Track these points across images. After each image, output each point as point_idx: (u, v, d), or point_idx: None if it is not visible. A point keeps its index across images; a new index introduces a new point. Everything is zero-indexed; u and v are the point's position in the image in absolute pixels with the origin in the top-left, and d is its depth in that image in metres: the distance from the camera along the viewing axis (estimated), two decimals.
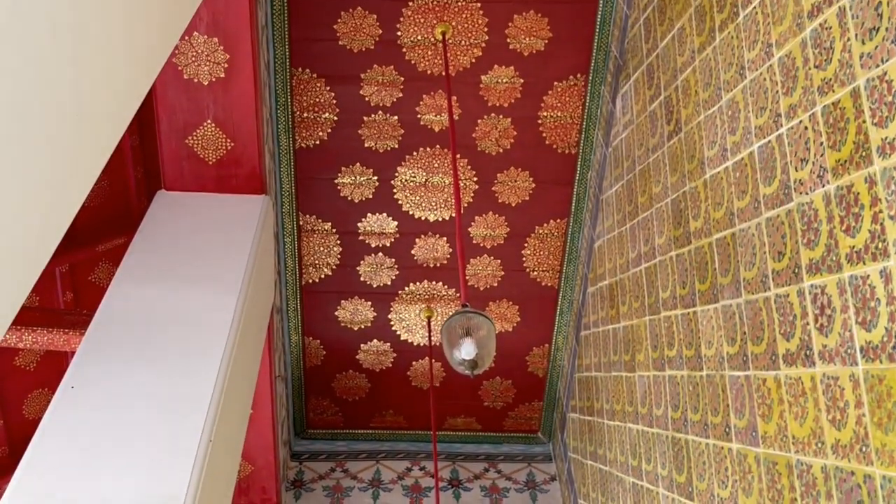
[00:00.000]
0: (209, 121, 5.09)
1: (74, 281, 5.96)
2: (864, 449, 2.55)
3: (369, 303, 7.13)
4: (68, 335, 4.56)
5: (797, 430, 2.98)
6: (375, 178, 6.54)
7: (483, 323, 3.36)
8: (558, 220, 6.77)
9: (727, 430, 3.62)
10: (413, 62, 6.07)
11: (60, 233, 2.13)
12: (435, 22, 5.90)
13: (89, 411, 3.71)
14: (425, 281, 7.04)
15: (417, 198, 6.61)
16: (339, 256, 6.88)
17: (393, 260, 6.92)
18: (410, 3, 5.86)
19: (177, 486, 3.41)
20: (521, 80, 6.17)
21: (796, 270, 3.04)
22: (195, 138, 5.13)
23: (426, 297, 7.10)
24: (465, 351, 3.30)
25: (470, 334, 3.31)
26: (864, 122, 2.61)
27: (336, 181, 6.54)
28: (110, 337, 4.15)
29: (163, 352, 4.07)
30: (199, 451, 3.59)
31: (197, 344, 4.11)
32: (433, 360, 7.20)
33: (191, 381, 3.90)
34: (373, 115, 6.29)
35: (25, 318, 4.69)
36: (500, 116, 6.32)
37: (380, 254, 6.88)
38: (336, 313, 7.19)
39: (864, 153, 2.61)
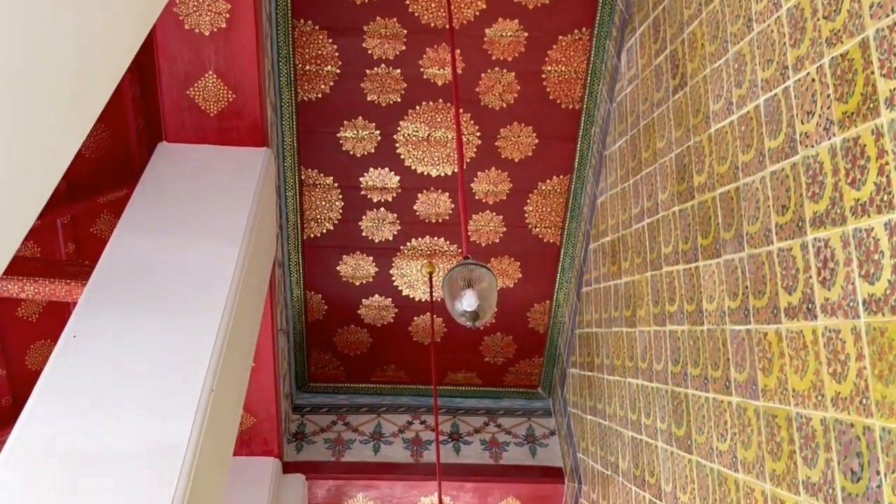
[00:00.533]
0: (210, 72, 5.04)
1: (76, 233, 5.95)
2: (864, 401, 2.55)
3: (371, 258, 7.12)
4: (70, 286, 4.56)
5: (797, 384, 2.98)
6: (378, 132, 6.50)
7: (485, 275, 3.35)
8: (561, 177, 6.74)
9: (727, 383, 3.63)
10: (416, 14, 6.00)
11: (60, 171, 2.12)
12: None
13: (91, 361, 3.71)
14: (427, 236, 7.02)
15: (420, 153, 6.58)
16: (340, 211, 6.85)
17: (395, 215, 6.90)
18: None
19: (179, 435, 3.42)
20: (526, 34, 6.10)
21: (800, 224, 3.02)
22: (196, 90, 5.09)
23: (428, 252, 7.09)
24: (467, 303, 3.29)
25: (471, 286, 3.30)
26: (873, 73, 2.58)
27: (338, 135, 6.50)
28: (112, 287, 4.14)
29: (164, 302, 4.06)
30: (201, 401, 3.59)
31: (198, 295, 4.11)
32: (434, 316, 7.20)
33: (192, 332, 3.90)
34: (375, 69, 6.23)
35: (27, 269, 4.68)
36: (504, 71, 6.26)
37: (382, 209, 6.86)
38: (338, 268, 7.18)
39: (871, 105, 2.58)
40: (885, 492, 2.41)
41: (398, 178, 6.69)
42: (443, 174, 6.68)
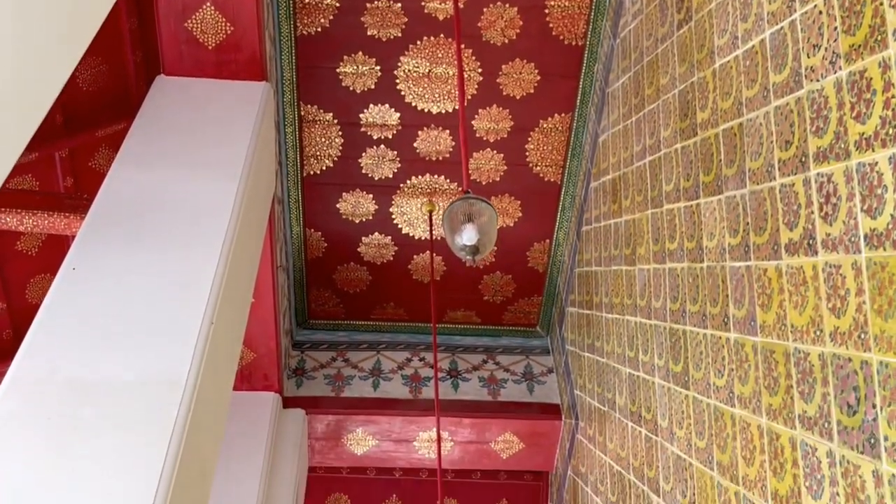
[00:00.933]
0: (208, 3, 4.96)
1: (74, 166, 5.91)
2: (862, 336, 2.55)
3: (371, 196, 7.10)
4: (69, 219, 4.54)
5: (796, 319, 2.99)
6: (378, 67, 6.42)
7: (485, 209, 3.33)
8: (563, 114, 6.68)
9: (725, 320, 3.63)
10: None
11: (58, 87, 2.09)
12: None
13: (91, 293, 3.71)
14: (427, 174, 6.99)
15: (420, 89, 6.51)
16: (340, 148, 6.81)
17: (395, 152, 6.86)
18: None
19: (178, 367, 3.44)
20: None
21: (803, 159, 2.99)
22: (194, 21, 5.01)
23: (428, 190, 7.06)
24: (467, 237, 3.27)
25: (472, 220, 3.29)
26: (881, 4, 2.53)
27: (338, 70, 6.42)
28: (111, 221, 4.12)
29: (164, 236, 4.05)
30: (201, 334, 3.60)
31: (197, 228, 4.09)
32: (434, 255, 7.20)
33: (192, 265, 3.89)
34: (376, 2, 6.13)
35: (26, 202, 4.67)
36: (506, 5, 6.16)
37: (382, 146, 6.81)
38: (337, 206, 7.16)
39: (879, 37, 2.54)
40: (881, 424, 2.42)
41: (398, 114, 6.63)
42: (443, 111, 6.62)
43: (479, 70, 6.44)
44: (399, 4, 6.13)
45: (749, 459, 3.34)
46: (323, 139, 6.75)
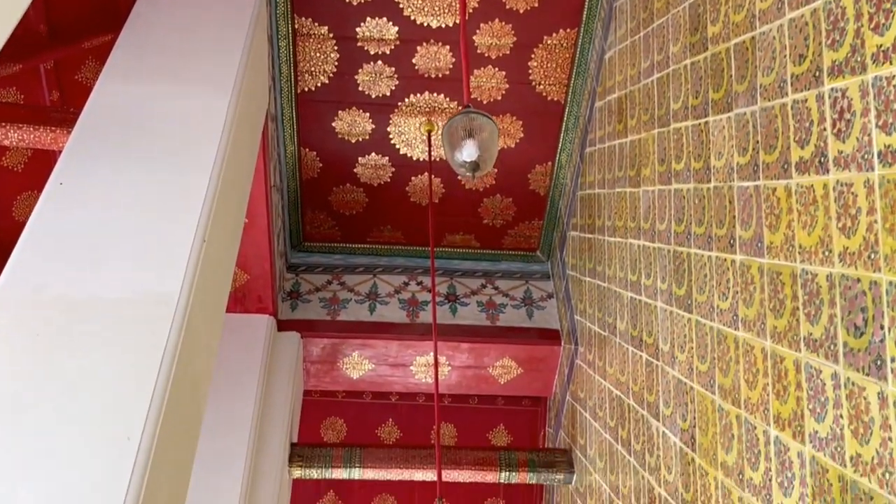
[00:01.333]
0: None
1: (60, 80, 5.83)
2: (872, 256, 2.54)
3: (367, 114, 7.02)
4: (56, 133, 4.50)
5: (804, 240, 2.98)
6: None
7: (486, 124, 3.28)
8: (568, 30, 6.57)
9: (731, 241, 3.63)
10: None
11: None
12: None
13: (79, 208, 3.69)
14: (426, 92, 6.91)
15: (420, 1, 6.38)
16: (336, 63, 6.71)
17: (393, 69, 6.76)
18: None
19: (170, 284, 3.43)
20: None
21: (817, 74, 2.95)
22: None
23: (427, 109, 6.98)
24: (467, 153, 3.23)
25: (472, 136, 3.24)
26: None
27: None
28: (98, 136, 4.08)
29: (153, 150, 4.02)
30: (193, 251, 3.59)
31: (188, 143, 4.06)
32: (433, 176, 7.16)
33: (183, 181, 3.86)
34: None
35: (11, 115, 4.61)
36: None
37: (379, 62, 6.72)
38: (333, 124, 7.09)
39: None
40: (888, 346, 2.43)
41: (396, 28, 6.52)
42: (443, 25, 6.51)
43: None
44: None
45: (752, 383, 3.37)
46: (318, 54, 6.66)
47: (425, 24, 6.50)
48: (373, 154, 7.29)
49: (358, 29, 6.52)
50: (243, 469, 5.80)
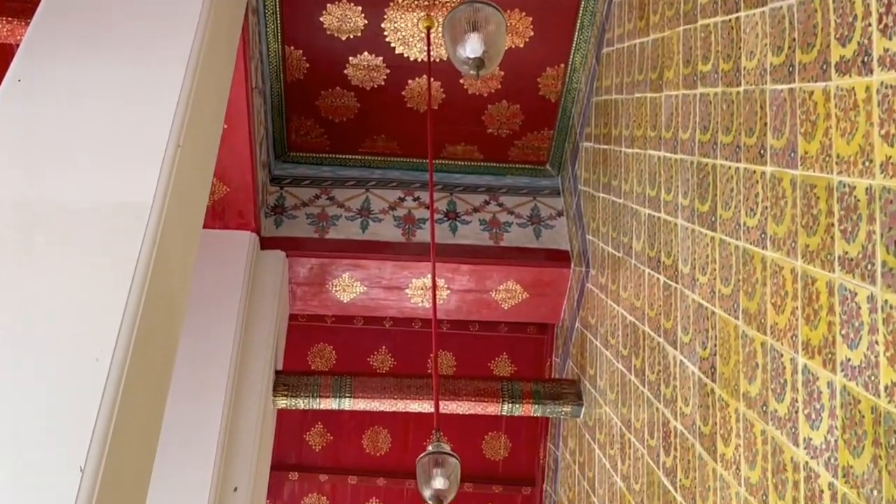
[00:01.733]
0: None
1: None
2: None
3: (359, 7, 6.91)
4: (12, 24, 4.45)
5: (843, 149, 2.96)
6: None
7: (492, 16, 3.24)
8: None
9: (762, 151, 3.61)
10: None
11: None
12: None
13: (39, 108, 3.67)
14: None
15: None
16: None
17: None
18: None
19: (142, 194, 3.43)
20: None
21: None
22: None
23: (426, 3, 6.87)
24: (471, 48, 3.19)
25: (477, 29, 3.20)
26: None
27: None
28: (60, 27, 4.03)
29: (122, 44, 3.97)
30: (167, 157, 3.58)
31: (160, 36, 4.01)
32: (432, 80, 7.09)
33: (154, 78, 3.83)
34: None
35: None
36: None
37: None
38: (321, 19, 6.98)
39: None
40: None
41: None
42: None
43: None
44: None
45: (779, 307, 3.38)
46: None
47: None
48: (365, 53, 7.20)
49: None
50: (223, 398, 5.89)
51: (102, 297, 3.08)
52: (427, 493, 4.91)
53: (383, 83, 7.40)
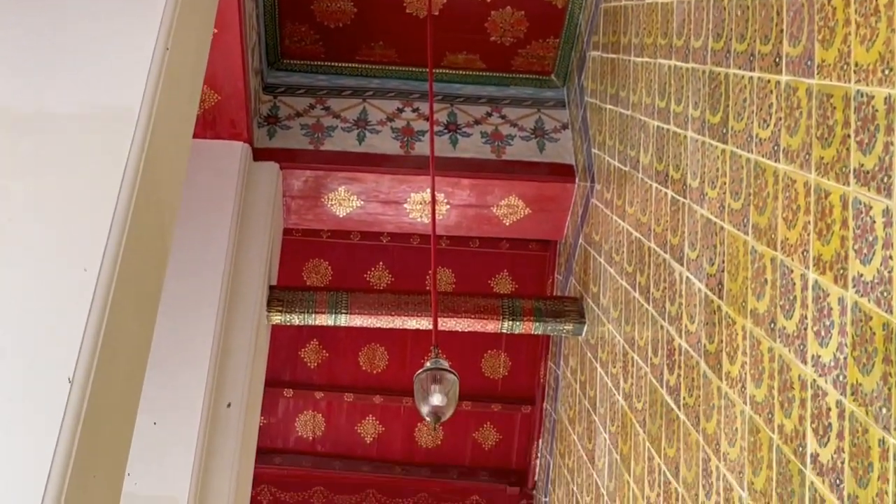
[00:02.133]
0: None
1: None
2: None
3: None
4: None
5: (862, 56, 2.91)
6: None
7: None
8: None
9: (777, 59, 3.56)
10: None
11: None
12: None
13: (21, 7, 3.60)
14: None
15: None
16: None
17: None
18: None
19: (129, 98, 3.40)
20: None
21: None
22: None
23: None
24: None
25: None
26: None
27: None
28: None
29: None
30: (155, 59, 3.54)
31: None
32: None
33: None
34: None
35: None
36: None
37: None
38: None
39: None
40: None
41: None
42: None
43: None
44: None
45: (791, 221, 3.38)
46: None
47: None
48: None
49: None
50: (216, 313, 5.91)
51: (89, 206, 3.07)
52: (424, 410, 4.97)
53: None
